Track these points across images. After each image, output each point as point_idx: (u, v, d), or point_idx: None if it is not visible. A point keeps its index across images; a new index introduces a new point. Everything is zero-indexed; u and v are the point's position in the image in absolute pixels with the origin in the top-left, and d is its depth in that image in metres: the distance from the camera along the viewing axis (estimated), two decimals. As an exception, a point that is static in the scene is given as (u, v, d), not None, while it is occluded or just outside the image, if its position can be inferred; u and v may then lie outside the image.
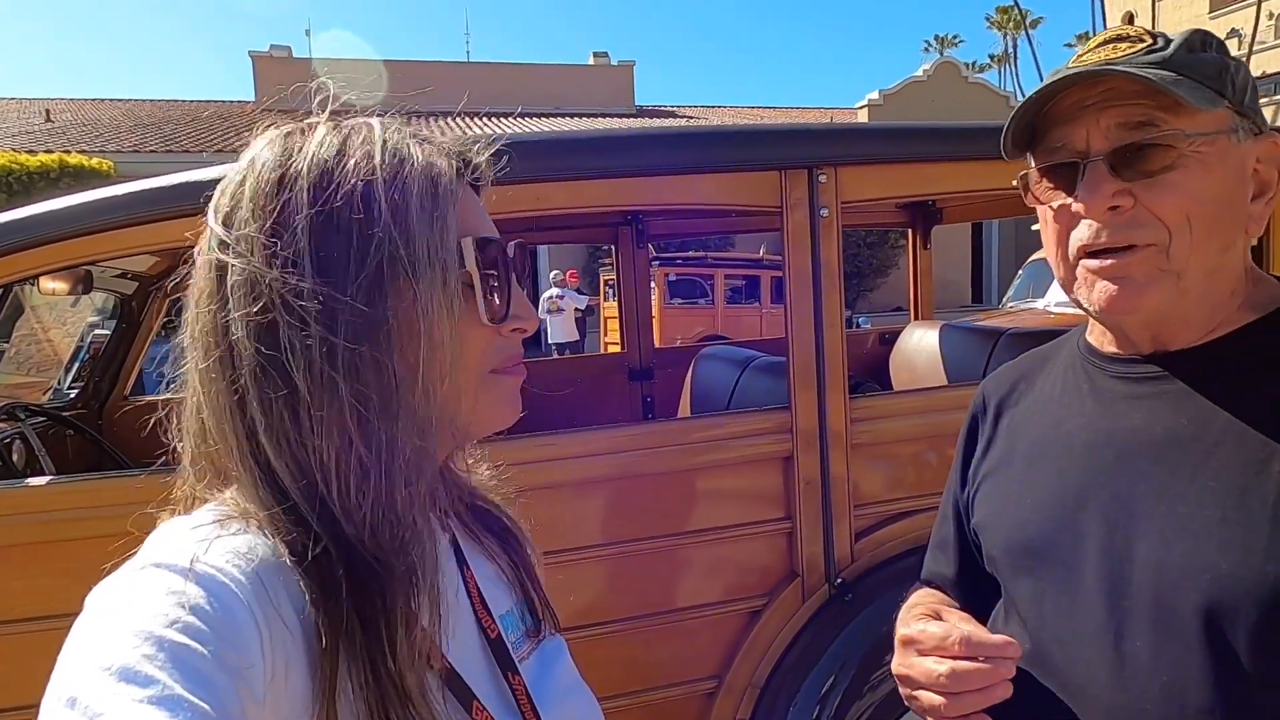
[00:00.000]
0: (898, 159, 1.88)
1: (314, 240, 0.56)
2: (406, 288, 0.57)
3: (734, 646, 1.82)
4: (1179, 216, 0.70)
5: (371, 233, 0.56)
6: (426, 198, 0.59)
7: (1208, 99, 0.69)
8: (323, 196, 0.57)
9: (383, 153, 0.59)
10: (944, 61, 24.01)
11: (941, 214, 3.32)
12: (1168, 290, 0.71)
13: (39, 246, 1.56)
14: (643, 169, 1.78)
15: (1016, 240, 19.35)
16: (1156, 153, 0.70)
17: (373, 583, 0.56)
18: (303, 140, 0.60)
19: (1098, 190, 0.71)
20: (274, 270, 0.55)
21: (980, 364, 2.45)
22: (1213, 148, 0.70)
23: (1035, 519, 0.82)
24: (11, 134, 16.58)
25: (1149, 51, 0.72)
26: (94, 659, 0.46)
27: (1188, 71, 0.70)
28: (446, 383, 0.59)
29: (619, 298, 3.56)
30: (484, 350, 0.63)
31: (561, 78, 21.24)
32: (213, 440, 0.59)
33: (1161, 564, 0.70)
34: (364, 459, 0.56)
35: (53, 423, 2.54)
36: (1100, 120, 0.72)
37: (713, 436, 1.82)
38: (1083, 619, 0.75)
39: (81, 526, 1.48)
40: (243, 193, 0.58)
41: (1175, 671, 0.68)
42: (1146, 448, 0.74)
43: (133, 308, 2.83)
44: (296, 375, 0.55)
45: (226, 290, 0.57)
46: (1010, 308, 8.44)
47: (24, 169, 10.79)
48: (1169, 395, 0.75)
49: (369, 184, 0.57)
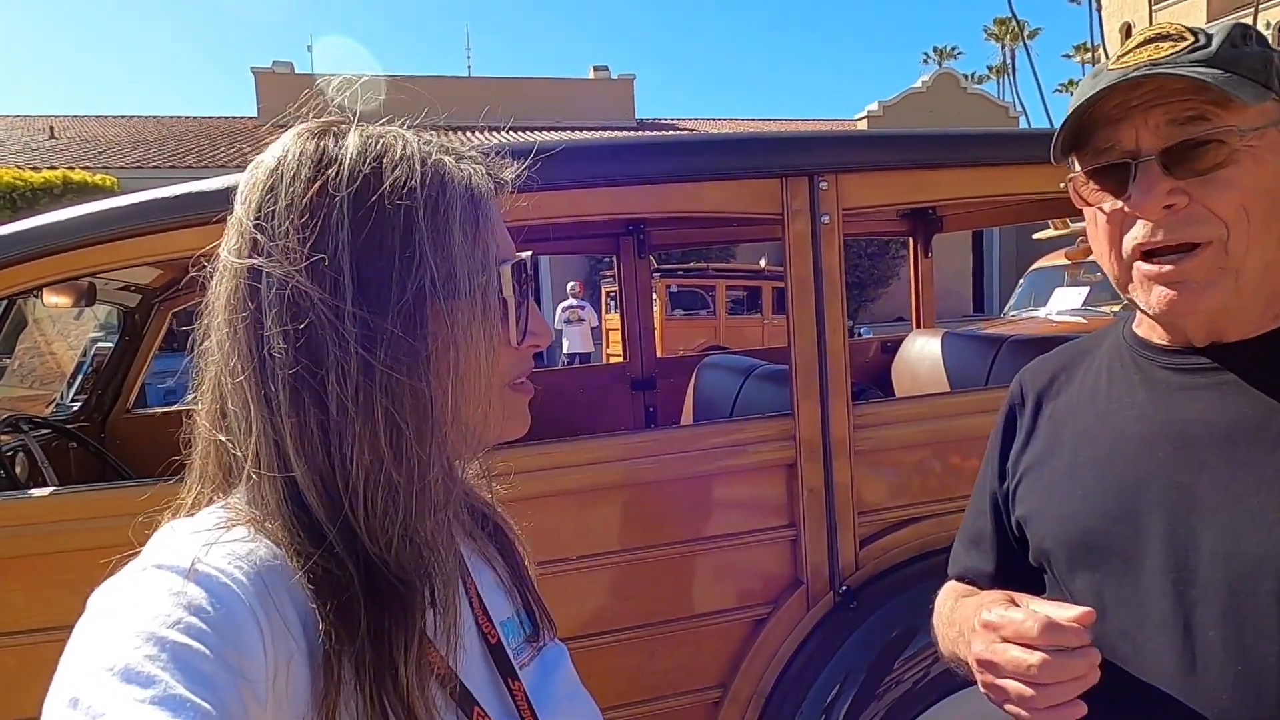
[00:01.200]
0: (899, 165, 1.88)
1: (356, 259, 0.56)
2: (446, 312, 0.57)
3: (738, 655, 1.81)
4: (1235, 212, 0.70)
5: (413, 257, 0.56)
6: (469, 223, 0.59)
7: (1256, 93, 0.69)
8: (364, 214, 0.56)
9: (424, 172, 0.59)
10: (943, 73, 24.14)
11: (942, 222, 3.33)
12: (1227, 289, 0.71)
13: (42, 258, 1.56)
14: (643, 177, 1.78)
15: (1018, 250, 19.37)
16: (1209, 150, 0.70)
17: (393, 604, 0.55)
18: (337, 148, 0.58)
19: (1152, 190, 0.71)
20: (317, 288, 0.55)
21: (983, 371, 2.45)
22: (1263, 141, 0.70)
23: (1087, 510, 0.81)
24: (16, 151, 16.68)
25: (1192, 49, 0.71)
26: (96, 659, 0.46)
27: (1234, 67, 0.69)
28: (479, 405, 0.60)
29: (620, 307, 3.57)
30: (507, 368, 0.64)
31: (562, 91, 21.35)
32: (231, 445, 0.59)
33: (1231, 553, 0.70)
34: (394, 480, 0.56)
35: (56, 435, 2.54)
36: (1149, 119, 0.72)
37: (715, 444, 1.82)
38: (1148, 609, 0.75)
39: (84, 538, 1.48)
40: (276, 198, 0.57)
41: (1250, 659, 0.68)
42: (1207, 438, 0.74)
43: (136, 321, 2.84)
44: (333, 393, 0.55)
45: (262, 300, 0.56)
46: (1012, 317, 8.45)
47: (28, 185, 10.85)
48: (1228, 386, 0.74)
49: (411, 207, 0.57)
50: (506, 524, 0.79)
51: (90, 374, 3.02)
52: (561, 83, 22.05)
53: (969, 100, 23.06)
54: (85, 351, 3.15)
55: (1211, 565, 0.71)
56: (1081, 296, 7.59)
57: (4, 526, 1.53)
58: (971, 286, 21.29)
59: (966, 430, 1.90)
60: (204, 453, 0.61)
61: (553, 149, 1.82)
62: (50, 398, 3.00)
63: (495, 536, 0.77)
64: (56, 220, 1.58)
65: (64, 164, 13.86)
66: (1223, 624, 0.70)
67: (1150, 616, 0.75)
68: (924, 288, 3.43)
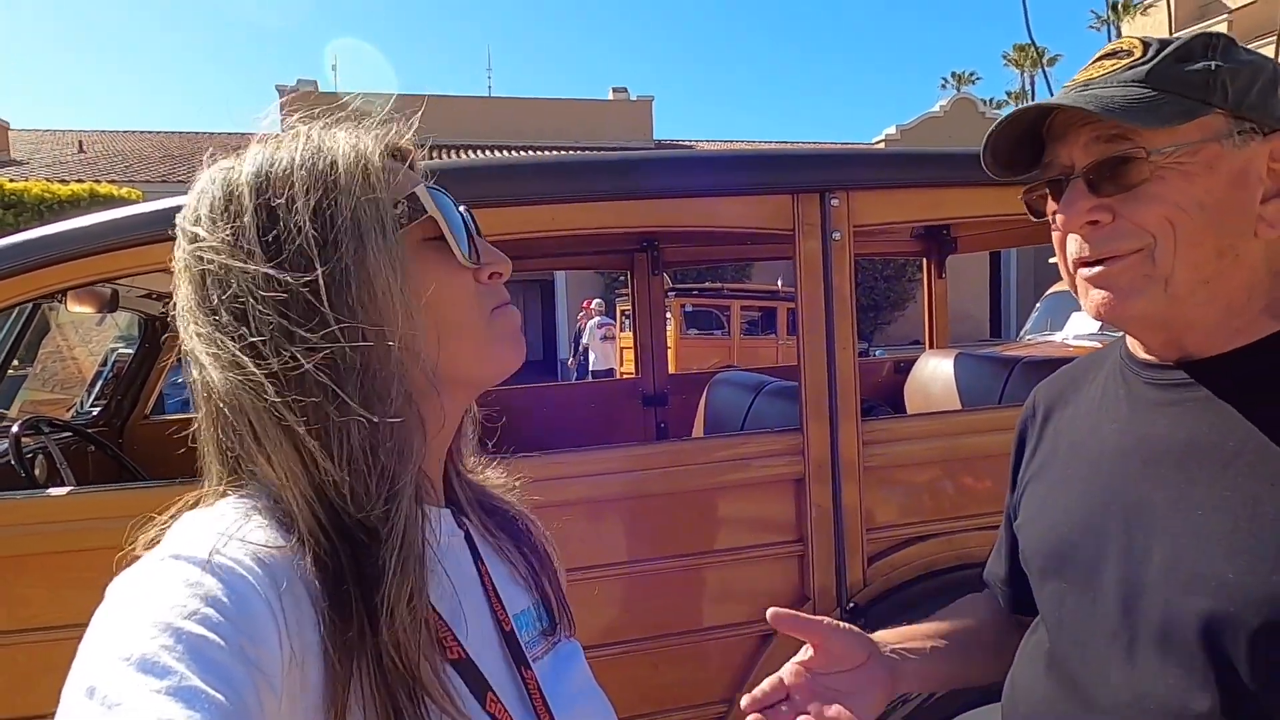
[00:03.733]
0: (910, 183, 1.89)
1: (260, 232, 0.59)
2: (352, 255, 0.59)
3: (744, 670, 1.80)
4: (1159, 224, 0.71)
5: (303, 211, 0.59)
6: (354, 167, 0.61)
7: (1176, 113, 0.69)
8: (260, 191, 0.60)
9: (306, 141, 0.62)
10: (961, 97, 24.17)
11: (956, 243, 3.33)
12: (1154, 296, 0.72)
13: (65, 262, 1.60)
14: (656, 191, 1.80)
15: (1035, 273, 19.25)
16: (1130, 167, 0.71)
17: (364, 552, 0.56)
18: (240, 157, 0.63)
19: (1073, 206, 0.74)
20: (236, 262, 0.58)
21: (996, 390, 2.44)
22: (1196, 157, 0.70)
23: (1065, 521, 0.83)
24: (46, 164, 17.02)
25: (1129, 68, 0.72)
26: (113, 649, 0.47)
27: (1164, 85, 0.70)
28: (435, 343, 0.61)
29: (634, 321, 3.58)
30: (475, 295, 0.65)
31: (581, 113, 21.55)
32: (222, 434, 0.60)
33: (1171, 570, 0.70)
34: (341, 440, 0.57)
35: (75, 438, 2.58)
36: (1080, 137, 0.74)
37: (723, 457, 1.82)
38: (1100, 621, 0.76)
39: (99, 537, 1.50)
40: (200, 204, 0.62)
41: (1178, 677, 0.68)
42: (1169, 454, 0.74)
43: (156, 328, 2.89)
44: (265, 362, 0.57)
45: (207, 288, 0.60)
46: (1028, 341, 8.39)
47: (56, 198, 11.06)
48: (1193, 403, 0.75)
49: (292, 168, 0.60)
50: (531, 523, 0.80)
51: (110, 380, 3.07)
52: (581, 103, 22.26)
53: (987, 125, 22.75)
54: (106, 358, 3.20)
55: (1155, 581, 0.71)
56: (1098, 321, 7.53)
57: (23, 524, 1.56)
58: (989, 310, 21.18)
59: (977, 449, 1.89)
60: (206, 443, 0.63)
61: (567, 162, 1.85)
62: (71, 402, 3.04)
63: (517, 536, 0.77)
64: (79, 225, 1.62)
65: (91, 177, 14.12)
66: (1158, 639, 0.70)
67: (1102, 629, 0.75)
68: (938, 308, 3.42)
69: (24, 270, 1.59)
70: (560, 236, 1.78)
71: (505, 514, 0.78)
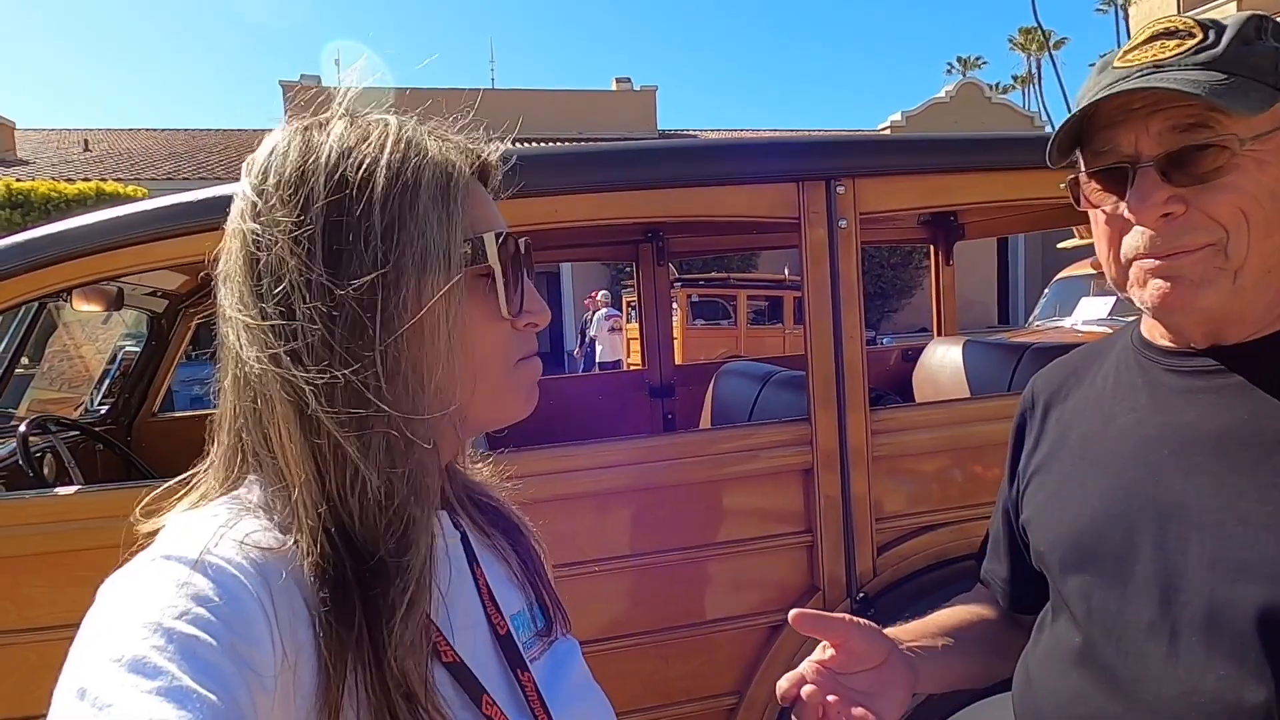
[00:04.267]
0: (916, 170, 1.87)
1: (326, 233, 0.57)
2: (412, 284, 0.57)
3: (754, 661, 1.80)
4: (1233, 216, 0.68)
5: (377, 231, 0.57)
6: (440, 198, 0.59)
7: (1262, 99, 0.66)
8: (336, 190, 0.57)
9: (394, 149, 0.59)
10: (967, 82, 24.02)
11: (964, 229, 3.30)
12: (1223, 289, 0.70)
13: (71, 260, 1.59)
14: (661, 181, 1.79)
15: (1043, 260, 19.16)
16: (1209, 155, 0.68)
17: (373, 577, 0.56)
18: (322, 134, 0.60)
19: (1149, 198, 0.69)
20: (293, 259, 0.56)
21: (1005, 378, 2.42)
22: (1269, 145, 0.68)
23: (1085, 514, 0.80)
24: (52, 163, 17.09)
25: (1198, 50, 0.69)
26: (104, 650, 0.46)
27: (1240, 69, 0.67)
28: (461, 384, 0.60)
29: (640, 312, 3.57)
30: (506, 344, 0.64)
31: (585, 103, 21.49)
32: (237, 427, 0.60)
33: (1216, 559, 0.69)
34: (363, 454, 0.56)
35: (83, 437, 2.59)
36: (1149, 124, 0.70)
37: (731, 448, 1.81)
38: (1135, 613, 0.74)
39: (107, 535, 1.50)
40: (268, 173, 0.59)
41: (1230, 666, 0.67)
42: (1203, 443, 0.72)
43: (163, 326, 2.89)
44: (303, 366, 0.56)
45: (260, 265, 0.58)
46: (1037, 327, 8.35)
47: (62, 196, 11.11)
48: (1227, 390, 0.73)
49: (373, 182, 0.57)
50: (520, 520, 0.80)
51: (117, 378, 3.08)
52: (584, 94, 22.20)
53: (993, 110, 22.89)
54: (113, 356, 3.21)
55: (1198, 570, 0.70)
56: (1108, 306, 7.48)
57: (31, 524, 1.56)
58: (996, 297, 21.08)
59: (985, 436, 1.87)
60: (222, 435, 0.62)
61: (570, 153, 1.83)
62: (78, 401, 3.05)
63: (509, 533, 0.77)
64: (83, 223, 1.62)
65: (97, 176, 14.18)
66: (1206, 629, 0.69)
67: (1138, 620, 0.73)
68: (945, 296, 3.40)
69: (28, 269, 1.58)
70: (565, 228, 1.77)
71: (496, 510, 0.78)
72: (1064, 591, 0.83)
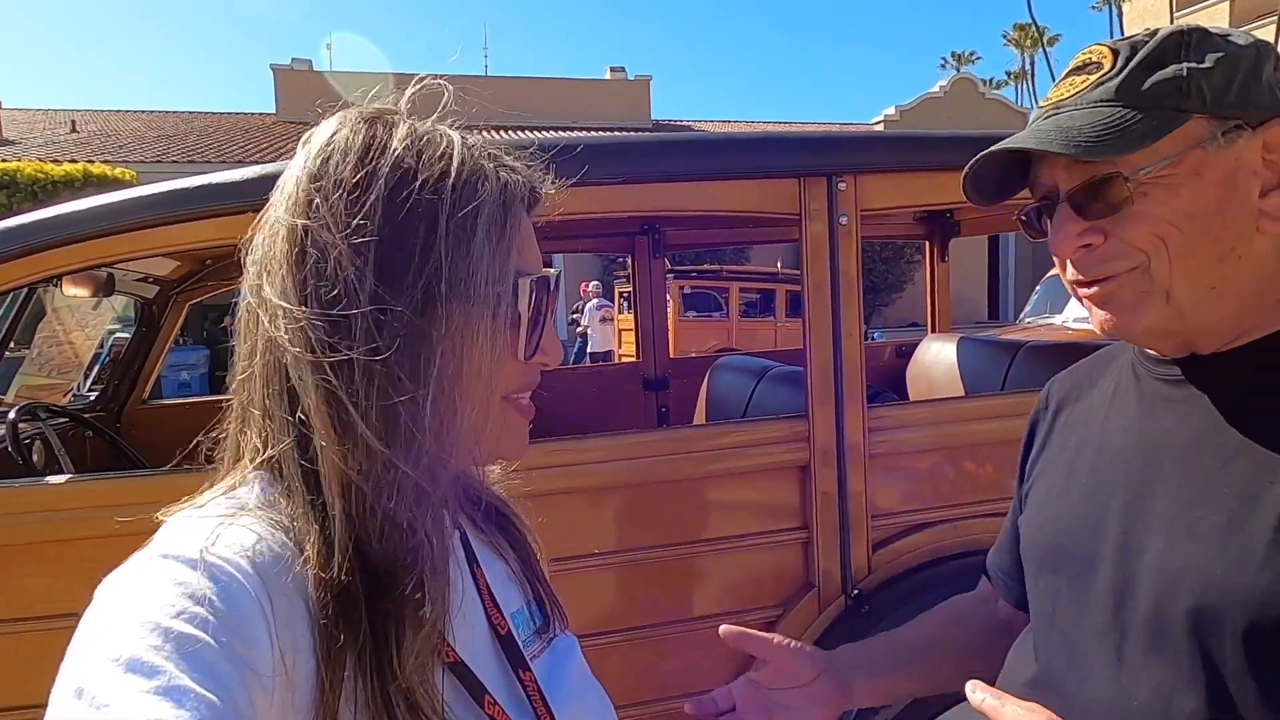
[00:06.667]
0: (918, 167, 1.87)
1: (383, 241, 0.56)
2: (456, 310, 0.57)
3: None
4: (1150, 242, 0.69)
5: (432, 250, 0.57)
6: (495, 228, 0.59)
7: (1150, 130, 0.66)
8: (398, 202, 0.57)
9: (459, 170, 0.59)
10: (961, 78, 24.07)
11: (960, 226, 3.30)
12: (1157, 309, 0.71)
13: (63, 246, 1.57)
14: (660, 175, 1.78)
15: (1034, 257, 19.25)
16: (1112, 188, 0.69)
17: (383, 592, 0.55)
18: (385, 136, 0.60)
19: (1063, 230, 0.72)
20: (350, 261, 0.56)
21: (999, 376, 2.43)
22: (1179, 168, 0.68)
23: (1066, 516, 0.82)
24: (38, 144, 16.88)
25: (1098, 84, 0.70)
26: (101, 649, 0.46)
27: (1136, 100, 0.67)
28: (476, 409, 0.60)
29: (635, 306, 3.56)
30: (509, 378, 0.64)
31: (578, 92, 21.39)
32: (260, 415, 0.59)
33: (1162, 567, 0.70)
34: (389, 464, 0.56)
35: (73, 424, 2.56)
36: (1059, 161, 0.72)
37: (727, 444, 1.81)
38: (1092, 618, 0.75)
39: (98, 525, 1.49)
40: (328, 172, 0.58)
41: (1164, 674, 0.68)
42: (1171, 451, 0.74)
43: (153, 312, 2.86)
44: (335, 372, 0.55)
45: (308, 262, 0.57)
46: (1028, 324, 8.40)
47: (49, 178, 10.97)
48: (1196, 400, 0.74)
49: (438, 202, 0.58)
50: (518, 517, 0.79)
51: (107, 364, 3.05)
52: (578, 83, 22.10)
53: (987, 105, 22.94)
54: (103, 342, 3.18)
55: (1147, 577, 0.71)
56: (1098, 304, 7.53)
57: (21, 513, 1.55)
58: (986, 293, 21.18)
59: (982, 435, 1.88)
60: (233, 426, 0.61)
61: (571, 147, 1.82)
62: (68, 387, 3.02)
63: (506, 530, 0.77)
64: (77, 209, 1.60)
65: (85, 157, 14.00)
66: (1146, 635, 0.70)
67: (1093, 624, 0.75)
68: (940, 292, 3.41)
69: (19, 255, 1.56)
70: (561, 221, 1.76)
71: (490, 506, 0.77)
72: (1034, 593, 0.85)
